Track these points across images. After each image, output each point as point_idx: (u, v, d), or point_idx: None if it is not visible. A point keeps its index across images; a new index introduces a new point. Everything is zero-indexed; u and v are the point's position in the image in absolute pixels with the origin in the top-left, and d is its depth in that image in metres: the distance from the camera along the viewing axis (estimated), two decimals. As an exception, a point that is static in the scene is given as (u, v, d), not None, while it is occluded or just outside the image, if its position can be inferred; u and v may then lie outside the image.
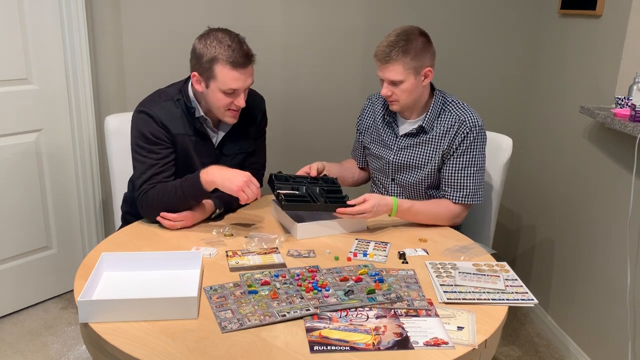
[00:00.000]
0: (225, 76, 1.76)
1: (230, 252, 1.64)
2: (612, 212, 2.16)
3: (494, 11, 2.82)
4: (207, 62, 1.76)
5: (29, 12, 2.39)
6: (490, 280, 1.50)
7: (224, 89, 1.78)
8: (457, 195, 1.91)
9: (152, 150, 1.81)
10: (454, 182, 1.92)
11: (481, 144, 1.91)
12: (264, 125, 2.07)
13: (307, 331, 1.26)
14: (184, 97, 1.86)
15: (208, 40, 1.77)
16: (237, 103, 1.82)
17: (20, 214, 2.55)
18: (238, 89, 1.79)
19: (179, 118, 1.85)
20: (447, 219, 1.90)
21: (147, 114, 1.81)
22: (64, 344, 2.43)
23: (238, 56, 1.75)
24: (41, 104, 2.52)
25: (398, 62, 1.82)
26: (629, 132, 1.89)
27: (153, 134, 1.81)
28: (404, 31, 1.85)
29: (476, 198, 1.92)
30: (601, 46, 2.28)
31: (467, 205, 1.93)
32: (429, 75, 1.89)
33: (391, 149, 2.02)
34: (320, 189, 1.88)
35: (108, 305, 1.28)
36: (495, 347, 1.40)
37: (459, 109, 1.93)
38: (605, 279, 2.21)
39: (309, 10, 2.72)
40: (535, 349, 2.54)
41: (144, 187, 1.80)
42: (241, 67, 1.76)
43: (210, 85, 1.80)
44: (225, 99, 1.80)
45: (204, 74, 1.79)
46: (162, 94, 1.89)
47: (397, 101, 1.90)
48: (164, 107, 1.84)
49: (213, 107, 1.84)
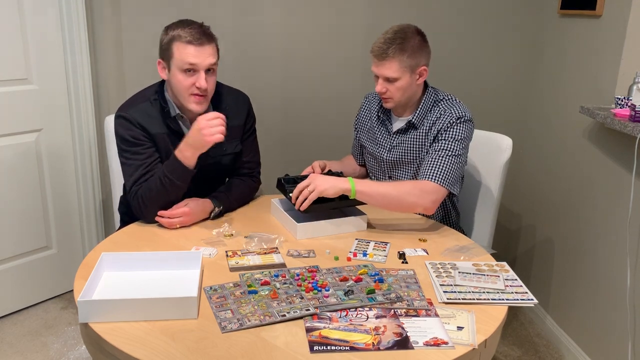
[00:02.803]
0: (182, 52, 1.76)
1: (230, 252, 1.64)
2: (612, 212, 2.17)
3: (494, 11, 2.82)
4: (167, 43, 1.79)
5: (29, 12, 2.39)
6: (490, 280, 1.50)
7: (182, 65, 1.76)
8: (429, 174, 1.80)
9: (135, 152, 1.82)
10: (428, 162, 1.83)
11: (464, 133, 1.87)
12: (252, 124, 2.05)
13: (307, 331, 1.26)
14: (159, 97, 1.87)
15: (169, 28, 1.81)
16: (198, 84, 1.78)
17: (20, 214, 2.55)
18: (196, 64, 1.76)
19: (155, 118, 1.85)
20: (415, 195, 1.77)
21: (124, 117, 1.83)
22: (64, 344, 2.43)
23: (195, 33, 1.77)
24: (41, 104, 2.52)
25: (395, 59, 1.83)
26: (629, 132, 1.89)
27: (133, 136, 1.81)
28: (401, 29, 1.86)
29: (450, 185, 1.81)
30: (601, 46, 2.28)
31: (439, 187, 1.79)
32: (423, 74, 1.90)
33: (384, 147, 2.03)
34: None
35: (108, 305, 1.28)
36: (495, 347, 1.40)
37: (448, 103, 1.93)
38: (605, 279, 2.21)
39: (308, 11, 2.72)
40: (535, 349, 2.54)
41: (133, 189, 1.80)
42: (198, 44, 1.76)
43: (171, 68, 1.80)
44: (186, 80, 1.78)
45: (165, 58, 1.80)
46: (139, 96, 1.90)
47: (391, 98, 1.91)
48: (140, 108, 1.84)
49: (177, 93, 1.82)
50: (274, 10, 2.69)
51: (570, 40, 2.52)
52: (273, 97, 2.79)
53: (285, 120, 2.84)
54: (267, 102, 2.72)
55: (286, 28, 2.73)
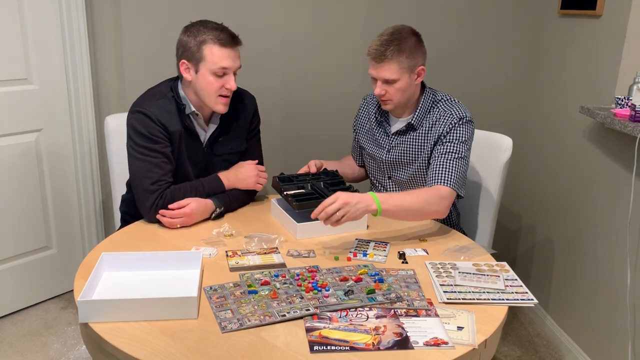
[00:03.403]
0: (215, 55, 1.78)
1: (230, 252, 1.64)
2: (612, 212, 2.16)
3: (494, 11, 2.82)
4: (196, 45, 1.79)
5: (29, 12, 2.39)
6: (490, 280, 1.50)
7: (214, 68, 1.78)
8: (442, 178, 1.81)
9: (154, 150, 1.81)
10: (438, 166, 1.84)
11: (466, 134, 1.88)
12: (257, 124, 2.07)
13: (307, 331, 1.26)
14: (175, 94, 1.87)
15: (192, 29, 1.81)
16: (228, 86, 1.82)
17: (20, 214, 2.55)
18: (228, 67, 1.80)
19: (173, 114, 1.85)
20: (432, 203, 1.77)
21: (143, 113, 1.81)
22: (64, 344, 2.43)
23: (225, 36, 1.79)
24: (41, 104, 2.52)
25: (393, 61, 1.82)
26: (629, 132, 1.89)
27: (151, 133, 1.80)
28: (397, 30, 1.86)
29: (459, 188, 1.83)
30: (601, 46, 2.28)
31: (452, 190, 1.81)
32: (421, 74, 1.90)
33: (383, 148, 2.03)
34: (324, 183, 1.91)
35: (108, 305, 1.28)
36: (495, 347, 1.40)
37: (447, 104, 1.93)
38: (606, 279, 2.21)
39: (308, 10, 2.72)
40: (535, 349, 2.54)
41: (153, 188, 1.80)
42: (230, 46, 1.80)
43: (200, 69, 1.80)
44: (216, 82, 1.80)
45: (193, 59, 1.80)
46: (155, 92, 1.89)
47: (390, 100, 1.90)
48: (159, 105, 1.84)
49: (204, 94, 1.83)
50: (274, 9, 2.69)
51: (570, 40, 2.52)
52: (273, 97, 2.78)
53: (285, 120, 2.84)
54: (267, 101, 2.71)
55: (286, 27, 2.73)
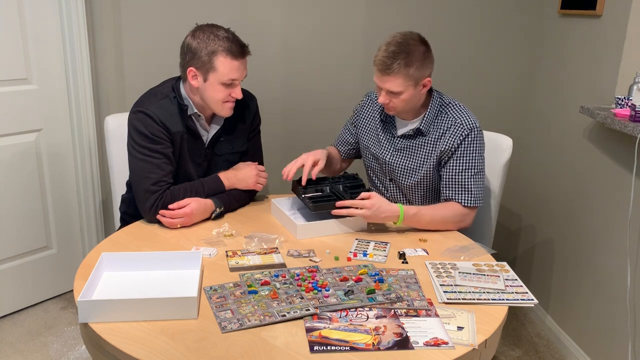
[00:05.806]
0: (226, 67, 1.78)
1: (230, 252, 1.64)
2: (612, 212, 2.16)
3: (494, 11, 2.82)
4: (207, 55, 1.78)
5: (29, 12, 2.39)
6: (490, 280, 1.50)
7: (224, 80, 1.79)
8: (463, 198, 1.87)
9: (155, 150, 1.81)
10: (458, 185, 1.88)
11: (480, 146, 1.89)
12: (258, 124, 2.08)
13: (307, 331, 1.26)
14: (177, 94, 1.87)
15: (203, 35, 1.79)
16: (235, 95, 1.84)
17: (20, 214, 2.55)
18: (237, 79, 1.82)
19: (175, 115, 1.85)
20: (455, 222, 1.86)
21: (145, 113, 1.81)
22: (64, 344, 2.43)
23: (236, 47, 1.79)
24: (41, 104, 2.52)
25: (399, 74, 1.78)
26: (629, 132, 1.89)
27: (153, 133, 1.81)
28: (405, 40, 1.79)
29: (479, 201, 1.89)
30: (601, 46, 2.28)
31: (473, 208, 1.89)
32: (427, 85, 1.86)
33: (387, 149, 2.01)
34: (343, 187, 1.91)
35: (108, 306, 1.28)
36: (495, 347, 1.40)
37: (456, 111, 1.91)
38: (606, 279, 2.21)
39: (308, 9, 2.72)
40: (535, 349, 2.54)
41: (154, 188, 1.80)
42: (240, 57, 1.81)
43: (209, 79, 1.80)
44: (224, 91, 1.82)
45: (202, 68, 1.80)
46: (157, 93, 1.88)
47: (394, 108, 1.89)
48: (161, 105, 1.84)
49: (211, 101, 1.84)
50: (274, 9, 2.69)
51: (570, 40, 2.52)
52: (273, 97, 2.78)
53: (285, 120, 2.84)
54: (267, 102, 2.72)
55: (286, 27, 2.73)
